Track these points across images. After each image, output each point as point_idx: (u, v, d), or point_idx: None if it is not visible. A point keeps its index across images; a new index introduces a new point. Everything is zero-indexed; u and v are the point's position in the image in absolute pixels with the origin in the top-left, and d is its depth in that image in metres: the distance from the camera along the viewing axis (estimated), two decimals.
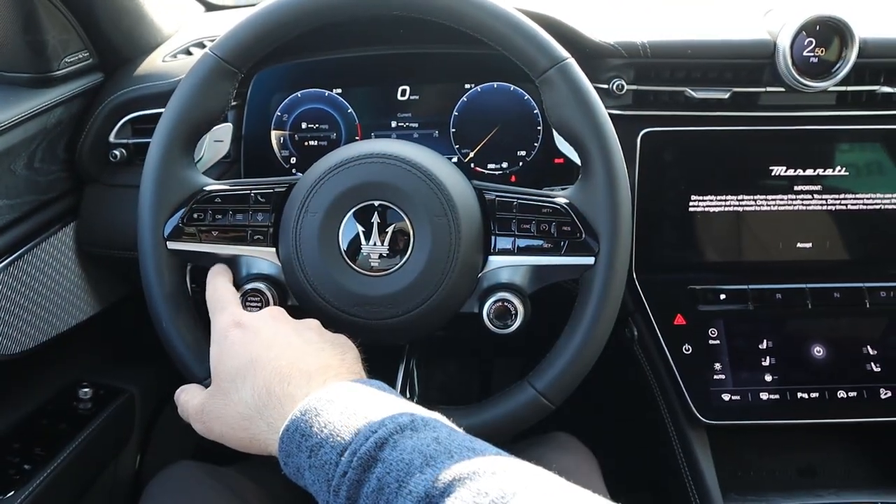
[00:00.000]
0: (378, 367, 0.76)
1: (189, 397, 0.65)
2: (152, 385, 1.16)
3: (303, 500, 1.11)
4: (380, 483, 0.44)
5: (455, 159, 0.99)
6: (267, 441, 0.55)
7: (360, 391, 0.52)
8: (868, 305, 0.95)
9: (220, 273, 0.72)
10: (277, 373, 0.56)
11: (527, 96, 0.97)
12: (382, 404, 0.50)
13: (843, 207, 0.95)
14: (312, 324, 0.65)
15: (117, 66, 1.01)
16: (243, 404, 0.57)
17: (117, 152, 0.96)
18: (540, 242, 0.71)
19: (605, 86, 0.92)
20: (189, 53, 1.04)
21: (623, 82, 0.92)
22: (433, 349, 0.86)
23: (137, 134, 0.96)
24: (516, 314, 0.71)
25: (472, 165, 0.99)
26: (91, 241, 0.99)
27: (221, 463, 0.97)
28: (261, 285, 0.73)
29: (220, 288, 0.69)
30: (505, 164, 0.99)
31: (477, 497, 0.40)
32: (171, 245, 0.73)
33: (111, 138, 0.96)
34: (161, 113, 0.74)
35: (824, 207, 0.95)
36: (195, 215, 0.73)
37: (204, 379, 0.71)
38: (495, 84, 0.98)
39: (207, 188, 0.74)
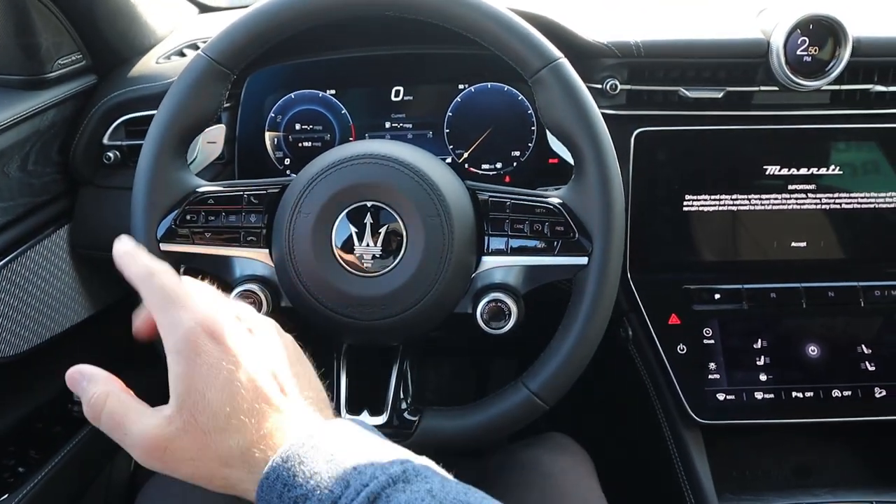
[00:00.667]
0: (372, 368, 0.76)
1: (134, 422, 0.47)
2: (147, 388, 1.16)
3: None
4: None
5: (449, 160, 0.99)
6: (247, 490, 0.46)
7: (345, 435, 0.46)
8: (863, 305, 0.95)
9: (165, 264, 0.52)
10: (259, 414, 0.46)
11: (521, 96, 0.97)
12: (371, 451, 0.45)
13: (838, 206, 0.95)
14: (289, 343, 0.53)
15: (111, 68, 1.00)
16: (225, 447, 0.45)
17: (111, 154, 0.95)
18: (533, 243, 0.71)
19: (599, 86, 0.92)
20: (183, 55, 1.03)
21: (617, 82, 0.92)
22: (427, 350, 0.85)
23: (131, 136, 0.96)
24: (510, 314, 0.71)
25: (467, 166, 0.99)
26: (85, 243, 0.99)
27: None
28: (254, 287, 0.73)
29: (171, 278, 0.50)
30: (499, 165, 0.99)
31: None
32: (164, 247, 0.72)
33: (105, 140, 0.96)
34: (154, 115, 0.74)
35: (818, 207, 0.95)
36: (188, 217, 0.73)
37: None
38: (489, 84, 0.98)
39: (200, 189, 0.74)
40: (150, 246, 0.72)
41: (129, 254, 0.52)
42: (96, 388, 0.50)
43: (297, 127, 0.99)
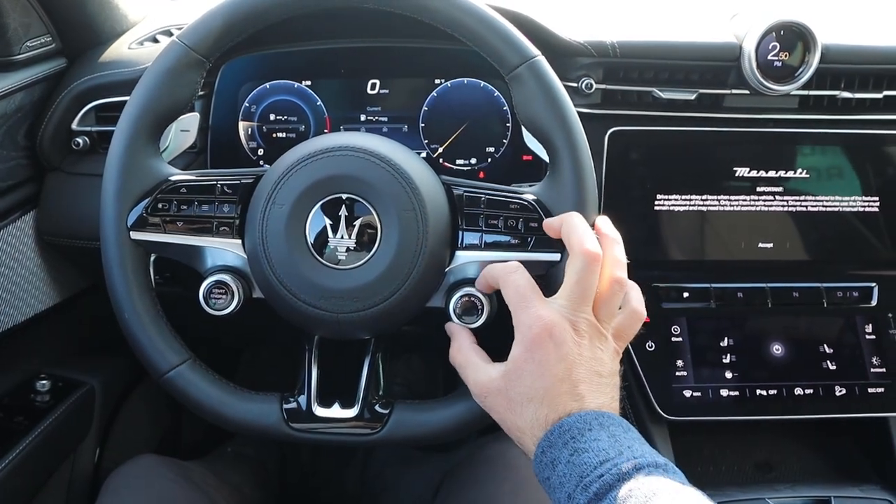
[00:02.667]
0: (344, 360, 0.76)
1: (476, 371, 0.66)
2: (113, 378, 1.15)
3: (268, 495, 1.11)
4: (630, 493, 0.51)
5: (424, 154, 0.99)
6: (523, 437, 0.61)
7: (623, 426, 0.58)
8: (825, 305, 0.97)
9: (520, 267, 0.67)
10: (562, 406, 0.59)
11: (496, 93, 0.98)
12: (640, 442, 0.57)
13: (804, 209, 0.97)
14: (608, 351, 0.63)
15: (81, 51, 0.99)
16: (521, 418, 0.61)
17: (80, 140, 0.94)
18: (507, 238, 0.72)
19: (575, 84, 0.92)
20: (156, 41, 1.02)
21: (592, 81, 0.93)
22: (400, 344, 0.86)
23: (101, 122, 0.94)
24: (482, 309, 0.72)
25: (441, 161, 0.99)
26: (51, 230, 0.97)
27: (185, 457, 0.96)
28: (226, 277, 0.72)
29: (523, 280, 0.65)
30: (474, 160, 0.99)
31: None
32: (135, 235, 0.71)
33: (74, 125, 0.94)
34: (126, 101, 0.73)
35: (785, 209, 0.97)
36: (160, 205, 0.72)
37: (164, 373, 0.71)
38: (465, 80, 0.98)
39: (173, 178, 0.73)
40: (120, 234, 0.71)
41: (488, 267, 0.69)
42: (455, 342, 0.70)
43: (272, 117, 0.98)
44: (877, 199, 0.97)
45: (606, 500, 0.51)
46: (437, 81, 0.98)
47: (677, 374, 0.94)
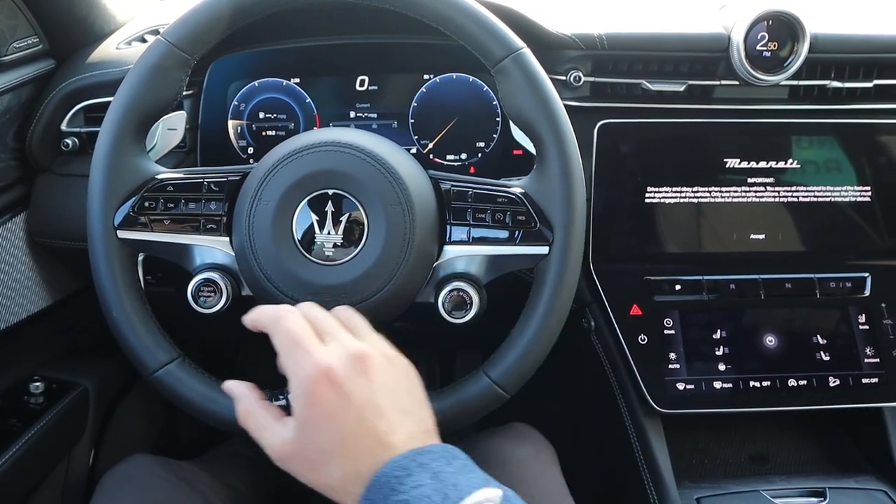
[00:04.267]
0: None
1: (271, 435, 0.58)
2: (107, 379, 1.14)
3: (264, 494, 1.11)
4: None
5: (414, 150, 0.99)
6: (339, 496, 0.55)
7: (447, 456, 0.53)
8: (818, 296, 0.97)
9: (291, 310, 0.62)
10: (367, 452, 0.54)
11: (486, 87, 0.98)
12: (468, 474, 0.52)
13: (795, 199, 0.97)
14: (400, 375, 0.59)
15: (69, 52, 0.98)
16: (329, 477, 0.55)
17: (69, 141, 0.94)
18: (495, 232, 0.72)
19: (563, 77, 0.92)
20: (144, 41, 1.02)
21: (580, 74, 0.92)
22: (392, 342, 0.85)
23: (90, 122, 0.94)
24: (472, 304, 0.71)
25: (431, 156, 0.99)
26: (42, 231, 0.97)
27: (181, 457, 0.96)
28: (214, 275, 0.72)
29: (294, 325, 0.59)
30: (464, 156, 0.99)
31: None
32: (122, 234, 0.71)
33: (63, 126, 0.94)
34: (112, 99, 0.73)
35: (777, 199, 0.96)
36: (147, 204, 0.72)
37: (154, 372, 0.70)
38: (454, 75, 0.98)
39: (159, 176, 0.73)
40: (106, 233, 0.71)
41: (257, 309, 0.62)
42: (240, 405, 0.61)
43: (261, 115, 0.98)
44: (869, 188, 0.97)
45: None
46: (425, 77, 0.98)
47: (670, 366, 0.93)
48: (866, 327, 0.97)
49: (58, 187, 0.96)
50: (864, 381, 0.94)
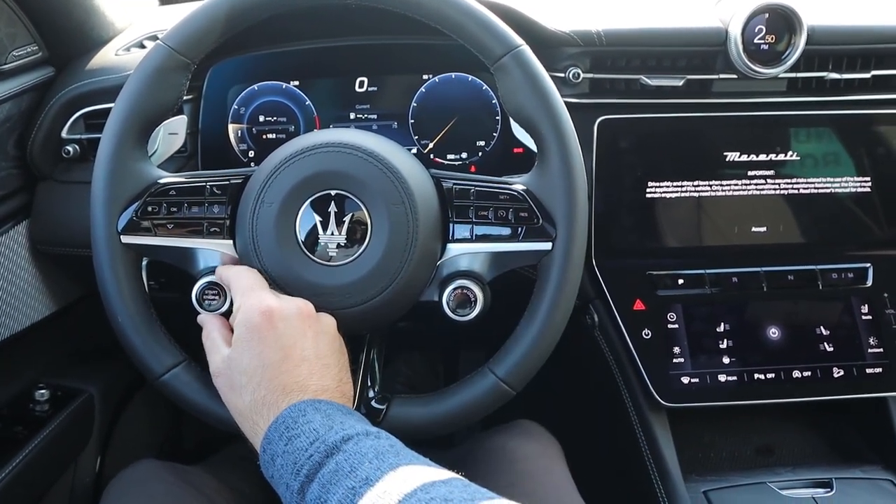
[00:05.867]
0: None
1: (215, 352, 0.66)
2: (112, 385, 1.15)
3: (269, 497, 1.11)
4: (336, 466, 0.51)
5: (414, 150, 0.99)
6: (243, 421, 0.62)
7: (343, 410, 0.59)
8: (821, 287, 0.97)
9: (236, 262, 0.72)
10: (281, 388, 0.60)
11: (485, 86, 0.98)
12: (358, 419, 0.58)
13: (796, 191, 0.97)
14: (330, 329, 0.66)
15: (68, 60, 0.99)
16: (240, 399, 0.62)
17: (70, 148, 0.94)
18: (498, 229, 0.72)
19: (562, 74, 0.92)
20: (143, 47, 1.02)
21: (579, 70, 0.93)
22: (395, 341, 0.86)
23: (91, 129, 0.94)
24: (476, 301, 0.72)
25: (432, 156, 0.99)
26: (45, 239, 0.97)
27: (186, 462, 0.96)
28: None
29: (244, 273, 0.69)
30: (464, 155, 0.99)
31: (417, 493, 0.48)
32: (126, 239, 0.71)
33: (63, 134, 0.94)
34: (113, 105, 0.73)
35: (777, 192, 0.97)
36: (149, 208, 0.72)
37: (160, 376, 0.71)
38: (453, 75, 0.98)
39: (162, 181, 0.73)
40: (110, 238, 0.71)
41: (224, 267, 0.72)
42: (204, 330, 0.69)
43: (261, 119, 0.98)
44: (869, 179, 0.97)
45: (316, 480, 0.51)
46: (425, 77, 0.98)
47: (674, 360, 0.94)
48: (869, 317, 0.97)
49: (59, 195, 0.96)
50: (868, 370, 0.95)
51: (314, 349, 0.63)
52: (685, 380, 0.93)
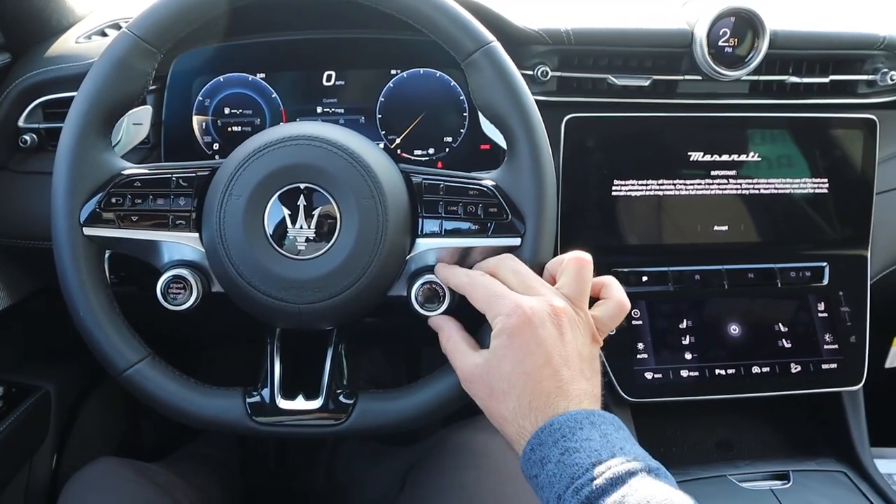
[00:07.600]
0: (306, 352, 0.75)
1: (463, 358, 0.66)
2: (70, 381, 1.12)
3: (233, 495, 1.10)
4: (623, 499, 0.50)
5: (381, 145, 0.98)
6: (506, 425, 0.62)
7: (615, 424, 0.58)
8: (780, 285, 1.00)
9: (480, 272, 0.69)
10: (544, 394, 0.59)
11: (453, 82, 0.98)
12: (632, 442, 0.57)
13: (757, 192, 0.99)
14: (587, 336, 0.65)
15: (27, 46, 0.96)
16: (503, 405, 0.61)
17: (27, 137, 0.91)
18: (467, 225, 0.72)
19: (530, 72, 0.93)
20: (104, 35, 1.00)
21: (547, 69, 0.93)
22: (362, 338, 0.85)
23: (49, 118, 0.92)
24: (444, 296, 0.72)
25: (399, 151, 0.99)
26: (1, 231, 0.94)
27: (146, 459, 0.94)
28: (184, 272, 0.71)
29: (483, 279, 0.67)
30: (431, 151, 0.99)
31: None
32: (88, 231, 0.70)
33: (20, 123, 0.91)
34: (74, 96, 0.71)
35: (739, 192, 0.99)
36: (113, 200, 0.70)
37: (123, 371, 0.69)
38: (421, 70, 0.98)
39: (126, 172, 0.71)
40: (72, 230, 0.69)
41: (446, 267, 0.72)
42: (442, 333, 0.70)
43: (227, 111, 0.97)
44: (826, 180, 1.00)
45: None
46: (393, 72, 0.98)
47: (638, 356, 0.95)
48: (825, 315, 0.99)
49: (16, 185, 0.93)
50: (824, 366, 0.97)
51: (571, 352, 0.62)
52: (648, 375, 0.95)
